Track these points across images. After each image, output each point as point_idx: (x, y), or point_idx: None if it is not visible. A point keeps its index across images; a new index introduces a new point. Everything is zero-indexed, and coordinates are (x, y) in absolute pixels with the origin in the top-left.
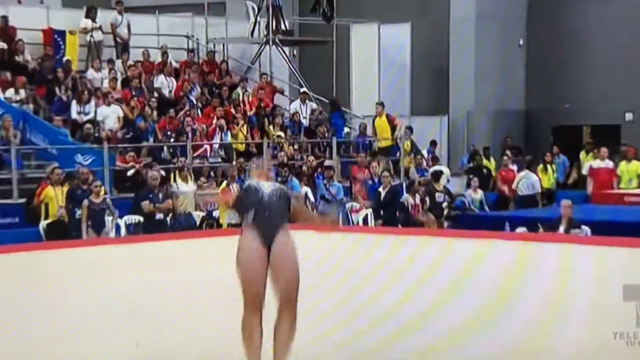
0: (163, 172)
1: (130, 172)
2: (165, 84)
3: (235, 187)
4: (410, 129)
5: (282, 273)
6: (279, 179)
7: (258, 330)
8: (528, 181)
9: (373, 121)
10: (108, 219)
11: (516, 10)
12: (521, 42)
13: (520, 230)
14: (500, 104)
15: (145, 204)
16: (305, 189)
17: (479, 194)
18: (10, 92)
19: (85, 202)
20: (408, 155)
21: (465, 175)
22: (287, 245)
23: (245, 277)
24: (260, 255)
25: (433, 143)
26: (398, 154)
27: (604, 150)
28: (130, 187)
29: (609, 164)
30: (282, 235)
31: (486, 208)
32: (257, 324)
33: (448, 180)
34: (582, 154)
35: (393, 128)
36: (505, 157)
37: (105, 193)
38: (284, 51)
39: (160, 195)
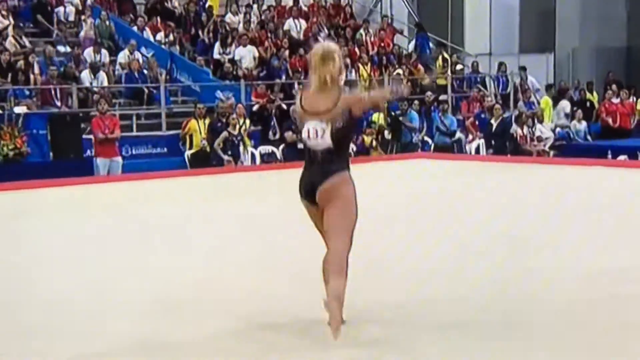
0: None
1: (255, 107)
2: (293, 26)
3: None
4: (523, 69)
5: None
6: (399, 111)
7: None
8: None
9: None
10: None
11: None
12: None
13: (622, 158)
14: (603, 41)
15: (289, 135)
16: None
17: (583, 125)
18: (160, 35)
19: (225, 133)
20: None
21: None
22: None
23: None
24: None
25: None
26: (508, 89)
27: None
28: (258, 120)
29: None
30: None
31: (589, 138)
32: None
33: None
34: None
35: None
36: (609, 91)
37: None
38: None
39: None
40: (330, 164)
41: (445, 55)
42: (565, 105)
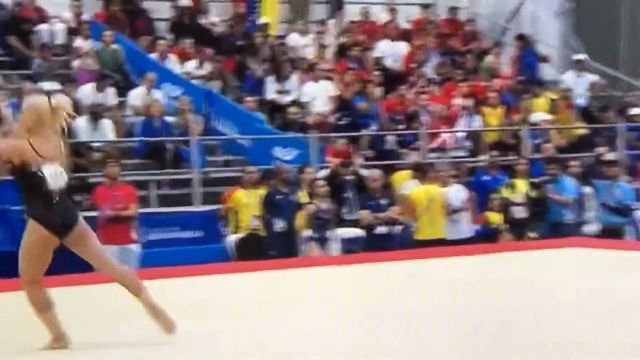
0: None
1: (321, 173)
2: (390, 51)
3: None
4: None
5: None
6: (544, 177)
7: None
8: None
9: None
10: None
11: None
12: None
13: None
14: None
15: (364, 214)
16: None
17: None
18: (190, 65)
19: (312, 207)
20: None
21: None
22: None
23: None
24: None
25: None
26: None
27: None
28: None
29: None
30: None
31: None
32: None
33: None
34: None
35: None
36: None
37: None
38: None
39: (384, 202)
40: (67, 201)
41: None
42: None
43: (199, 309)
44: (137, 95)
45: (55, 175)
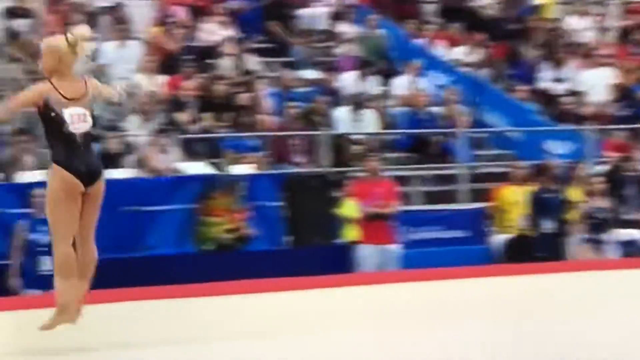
0: None
1: (598, 169)
2: None
3: None
4: None
5: None
6: None
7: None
8: None
9: None
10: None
11: None
12: None
13: None
14: None
15: None
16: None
17: None
18: (459, 51)
19: (586, 206)
20: None
21: None
22: None
23: None
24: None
25: None
26: None
27: None
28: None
29: None
30: None
31: None
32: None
33: None
34: None
35: None
36: None
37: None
38: None
39: None
40: (91, 148)
41: None
42: None
43: (461, 312)
44: (401, 84)
45: (76, 118)
